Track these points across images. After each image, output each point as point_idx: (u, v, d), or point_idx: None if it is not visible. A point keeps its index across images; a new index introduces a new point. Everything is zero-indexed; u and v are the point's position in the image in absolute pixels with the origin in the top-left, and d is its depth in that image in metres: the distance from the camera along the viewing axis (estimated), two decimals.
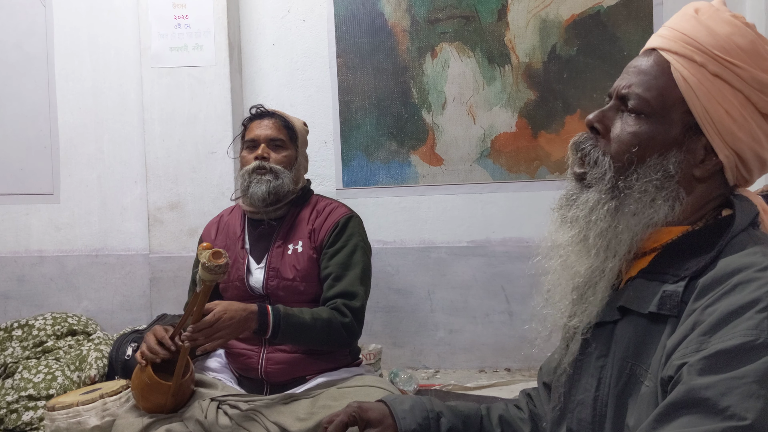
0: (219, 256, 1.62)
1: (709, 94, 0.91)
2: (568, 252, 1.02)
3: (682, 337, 0.84)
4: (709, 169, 0.95)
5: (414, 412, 1.18)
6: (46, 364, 2.74)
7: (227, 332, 1.70)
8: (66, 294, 3.32)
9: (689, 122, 0.94)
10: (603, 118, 1.01)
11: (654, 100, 0.95)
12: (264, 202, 2.01)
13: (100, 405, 1.95)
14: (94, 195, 3.32)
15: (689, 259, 0.92)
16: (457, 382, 2.92)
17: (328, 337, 1.87)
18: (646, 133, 0.95)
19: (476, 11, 3.12)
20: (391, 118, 3.18)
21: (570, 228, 1.01)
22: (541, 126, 3.11)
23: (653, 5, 3.01)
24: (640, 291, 0.95)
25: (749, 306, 0.79)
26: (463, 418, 1.21)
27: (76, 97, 3.30)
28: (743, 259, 0.85)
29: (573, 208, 1.00)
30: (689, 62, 0.93)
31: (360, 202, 3.13)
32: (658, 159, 0.94)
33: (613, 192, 0.96)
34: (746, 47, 0.91)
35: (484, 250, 3.13)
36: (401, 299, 3.18)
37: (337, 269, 1.96)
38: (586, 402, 1.00)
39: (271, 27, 3.24)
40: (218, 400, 1.83)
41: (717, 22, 0.93)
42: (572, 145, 1.03)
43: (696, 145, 0.94)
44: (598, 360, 0.99)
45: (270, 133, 2.05)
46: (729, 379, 0.75)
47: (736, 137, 0.92)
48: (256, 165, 2.01)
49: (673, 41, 0.95)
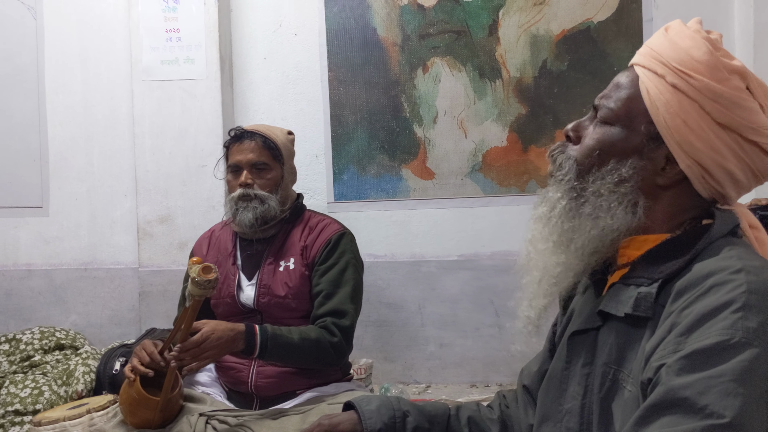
0: (209, 270, 1.62)
1: (668, 104, 0.95)
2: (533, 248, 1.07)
3: (660, 339, 0.85)
4: (671, 177, 0.97)
5: (380, 412, 1.20)
6: (33, 379, 2.71)
7: (214, 352, 1.70)
8: (54, 308, 3.29)
9: (652, 132, 0.97)
10: (578, 127, 1.07)
11: (620, 110, 1.00)
12: (252, 228, 2.00)
13: (87, 420, 1.92)
14: (83, 208, 3.30)
15: (664, 263, 0.95)
16: (448, 397, 2.91)
17: (317, 356, 1.87)
18: (608, 140, 1.01)
19: (467, 26, 3.13)
20: (382, 132, 3.19)
21: (536, 224, 1.07)
22: (532, 140, 3.13)
23: (643, 21, 3.04)
24: (618, 295, 0.98)
25: (724, 307, 0.81)
26: (430, 417, 1.23)
27: (66, 109, 3.29)
28: (718, 263, 0.87)
29: (540, 206, 1.07)
30: (652, 74, 0.97)
31: (351, 216, 3.13)
32: (616, 164, 0.99)
33: (571, 193, 1.02)
34: (701, 59, 0.94)
35: (474, 264, 3.13)
36: (392, 313, 3.17)
37: (328, 287, 1.96)
38: (573, 410, 1.01)
39: (263, 41, 3.24)
40: (207, 416, 1.82)
41: (680, 37, 0.97)
42: (548, 153, 1.10)
43: (656, 154, 0.97)
44: (584, 368, 1.01)
45: (252, 157, 2.01)
46: (706, 378, 0.76)
47: (694, 147, 0.94)
48: (241, 193, 2.00)
49: (643, 56, 1.01)
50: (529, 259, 1.08)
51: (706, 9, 2.91)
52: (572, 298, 1.15)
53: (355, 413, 1.22)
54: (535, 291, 1.07)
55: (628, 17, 3.05)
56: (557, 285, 1.05)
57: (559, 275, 1.04)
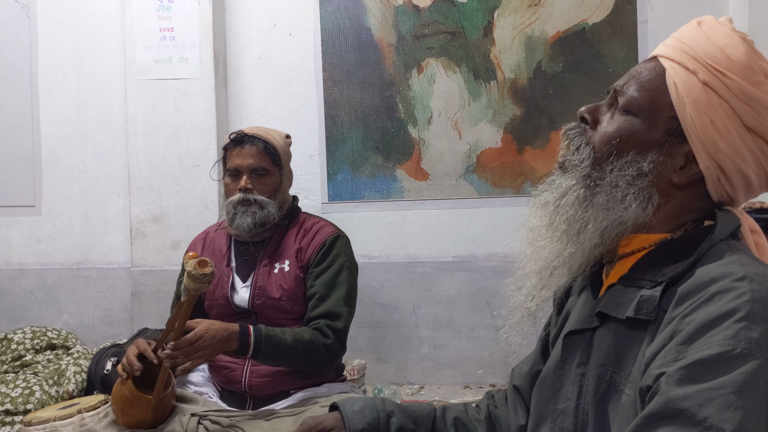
0: (205, 264, 1.62)
1: (697, 101, 0.92)
2: (536, 236, 1.04)
3: (661, 346, 0.84)
4: (687, 177, 0.95)
5: (363, 413, 1.20)
6: (24, 379, 2.69)
7: (207, 352, 1.70)
8: (46, 307, 3.28)
9: (674, 127, 0.95)
10: (594, 110, 1.04)
11: (643, 100, 0.97)
12: (250, 233, 2.00)
13: (78, 420, 1.91)
14: (76, 207, 3.28)
15: (667, 265, 0.93)
16: (441, 398, 2.90)
17: (310, 358, 1.87)
18: (629, 129, 0.97)
19: (462, 27, 3.13)
20: (377, 132, 3.18)
21: (540, 211, 1.03)
22: (527, 141, 3.12)
23: (638, 23, 3.04)
24: (618, 297, 0.96)
25: (727, 316, 0.79)
26: (414, 418, 1.22)
27: (59, 108, 3.28)
28: (721, 269, 0.86)
29: (546, 192, 1.03)
30: (682, 69, 0.94)
31: (345, 217, 3.12)
32: (636, 156, 0.96)
33: (586, 180, 0.99)
34: (738, 59, 0.91)
35: (469, 265, 3.13)
36: (386, 314, 3.16)
37: (322, 289, 1.96)
38: (567, 411, 1.00)
39: (257, 40, 3.24)
40: (199, 416, 1.81)
41: (715, 33, 0.95)
42: (563, 132, 1.06)
43: (677, 151, 0.95)
44: (579, 367, 1.00)
45: (252, 163, 2.01)
46: (707, 390, 0.75)
47: (718, 148, 0.92)
48: (241, 198, 1.99)
49: (671, 49, 0.97)
50: (532, 247, 1.05)
51: (702, 10, 2.91)
52: (566, 298, 1.14)
53: (338, 413, 1.22)
54: (537, 282, 1.04)
55: (622, 18, 3.05)
56: (559, 277, 1.03)
57: (563, 266, 1.01)
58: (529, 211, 1.06)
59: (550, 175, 1.05)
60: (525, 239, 1.06)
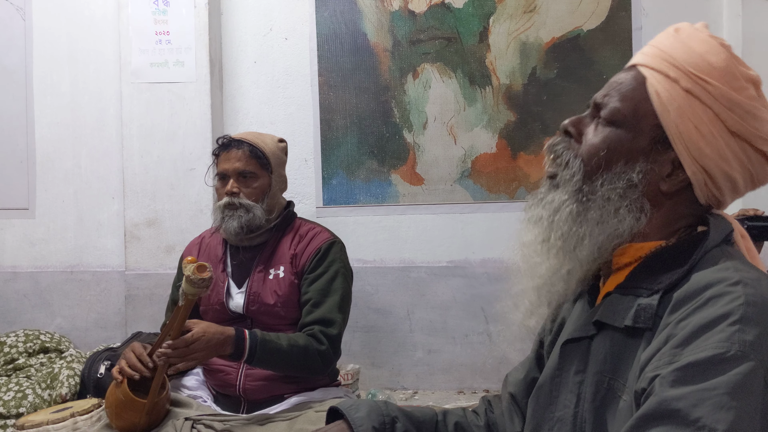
0: (203, 269, 1.62)
1: (680, 109, 0.93)
2: (531, 251, 1.03)
3: (656, 350, 0.84)
4: (676, 184, 0.96)
5: (370, 417, 1.17)
6: (16, 382, 2.68)
7: (202, 354, 1.71)
8: (39, 311, 3.27)
9: (658, 135, 0.95)
10: (578, 123, 1.05)
11: (626, 110, 0.97)
12: (238, 236, 2.01)
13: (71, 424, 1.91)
14: (70, 210, 3.27)
15: (663, 273, 0.93)
16: (435, 403, 2.90)
17: (304, 363, 1.87)
18: (615, 140, 0.97)
19: (458, 33, 3.14)
20: (372, 137, 3.19)
21: (534, 227, 1.02)
22: (521, 147, 3.14)
23: (632, 30, 3.06)
24: (615, 305, 0.96)
25: (721, 319, 0.80)
26: (417, 423, 1.21)
27: (53, 111, 3.27)
28: (716, 274, 0.86)
29: (539, 208, 1.02)
30: (663, 77, 0.95)
31: (340, 221, 3.13)
32: (624, 167, 0.96)
33: (578, 195, 0.98)
34: (719, 65, 0.92)
35: (464, 270, 3.13)
36: (380, 319, 3.16)
37: (317, 295, 1.96)
38: (565, 419, 1.00)
39: (253, 45, 3.24)
40: (193, 420, 1.80)
41: (694, 40, 0.95)
42: (547, 146, 1.06)
43: (663, 158, 0.95)
44: (576, 375, 1.00)
45: (238, 166, 2.01)
46: (700, 391, 0.75)
47: (703, 153, 0.93)
48: (227, 202, 2.00)
49: (651, 57, 0.98)
50: (527, 263, 1.04)
51: (696, 17, 2.91)
52: (560, 306, 1.14)
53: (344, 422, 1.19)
54: (535, 299, 1.04)
55: (617, 25, 3.07)
56: (557, 292, 1.02)
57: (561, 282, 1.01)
58: (521, 226, 1.06)
59: (539, 190, 1.05)
60: (519, 254, 1.05)
